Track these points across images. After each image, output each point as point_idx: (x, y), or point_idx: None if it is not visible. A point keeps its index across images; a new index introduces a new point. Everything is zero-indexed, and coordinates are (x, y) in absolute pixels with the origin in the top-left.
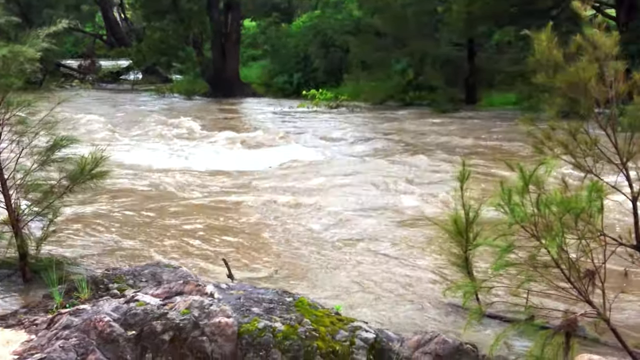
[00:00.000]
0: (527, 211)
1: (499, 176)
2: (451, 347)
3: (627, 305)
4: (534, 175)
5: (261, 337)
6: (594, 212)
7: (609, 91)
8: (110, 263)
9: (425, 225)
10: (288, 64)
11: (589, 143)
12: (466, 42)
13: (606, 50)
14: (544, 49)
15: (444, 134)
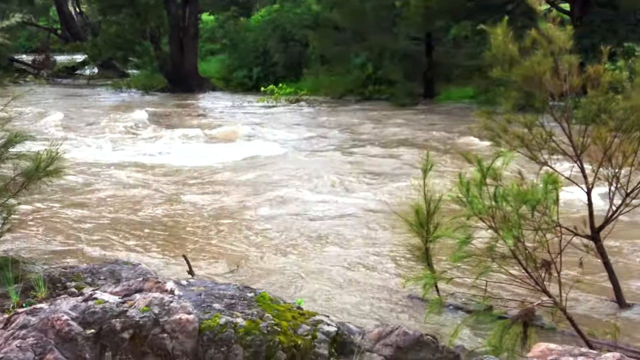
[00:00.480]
0: (485, 203)
1: (457, 169)
2: (411, 338)
3: (582, 294)
4: (491, 167)
5: (223, 333)
6: (550, 204)
7: (563, 84)
8: (68, 261)
9: (387, 217)
10: (247, 59)
11: (544, 136)
12: (424, 37)
13: (560, 44)
14: (500, 43)
15: (402, 127)
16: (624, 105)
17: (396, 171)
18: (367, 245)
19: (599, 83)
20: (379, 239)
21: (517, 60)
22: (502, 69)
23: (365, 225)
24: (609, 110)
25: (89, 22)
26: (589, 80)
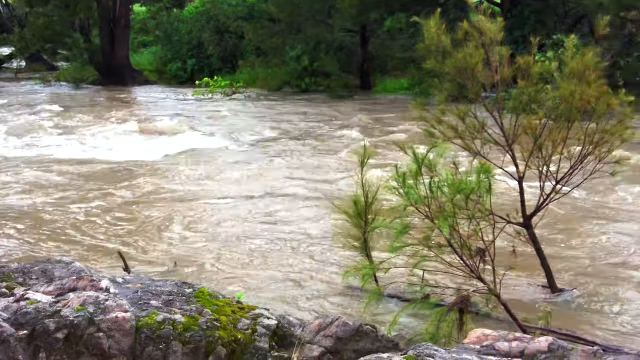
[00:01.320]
0: (421, 194)
1: (395, 160)
2: (351, 329)
3: (516, 280)
4: (426, 158)
5: (161, 330)
6: (483, 193)
7: (495, 76)
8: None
9: (325, 209)
10: (181, 51)
11: (477, 126)
12: (359, 29)
13: (492, 36)
14: (433, 35)
15: (340, 119)
16: (553, 96)
17: (335, 164)
18: (307, 238)
19: (529, 74)
20: (319, 231)
21: (450, 52)
22: (435, 61)
23: (304, 217)
24: (539, 100)
25: (15, 14)
26: (520, 72)
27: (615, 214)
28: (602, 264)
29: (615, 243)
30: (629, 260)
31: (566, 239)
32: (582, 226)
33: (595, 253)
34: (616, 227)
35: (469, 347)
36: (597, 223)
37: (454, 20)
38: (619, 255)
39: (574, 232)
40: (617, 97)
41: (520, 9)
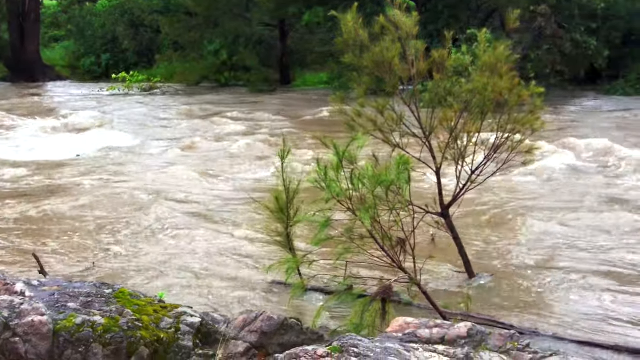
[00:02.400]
0: (343, 186)
1: (316, 154)
2: (276, 323)
3: (435, 268)
4: (347, 151)
5: (80, 332)
6: (403, 184)
7: (411, 69)
8: None
9: (248, 204)
10: (95, 45)
11: (395, 119)
12: (278, 23)
13: (407, 30)
14: (351, 29)
15: (260, 113)
16: (467, 88)
17: (256, 158)
18: (230, 234)
19: (444, 67)
20: (241, 226)
21: (368, 46)
22: (353, 54)
23: (227, 213)
24: (454, 93)
25: None
26: (435, 65)
27: (528, 201)
28: (517, 249)
29: (528, 229)
30: (541, 245)
31: (481, 226)
32: (497, 214)
33: (510, 239)
34: (529, 213)
35: (392, 335)
36: (510, 210)
37: (370, 14)
38: (532, 241)
39: (491, 219)
40: (528, 88)
41: (434, 3)
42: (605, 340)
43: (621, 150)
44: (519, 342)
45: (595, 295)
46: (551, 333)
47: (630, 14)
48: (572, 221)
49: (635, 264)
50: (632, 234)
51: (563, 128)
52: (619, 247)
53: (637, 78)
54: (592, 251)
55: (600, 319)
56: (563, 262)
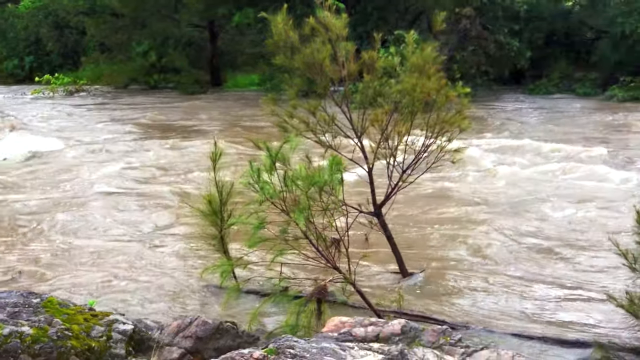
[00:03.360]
0: (276, 188)
1: (249, 155)
2: (211, 327)
3: (369, 267)
4: (279, 152)
5: (7, 344)
6: (336, 185)
7: (342, 70)
8: None
9: (182, 208)
10: (17, 47)
11: (327, 120)
12: (207, 24)
13: (337, 32)
14: (281, 31)
15: (189, 115)
16: (397, 89)
17: (186, 161)
18: (164, 239)
19: (374, 68)
20: (176, 231)
21: (298, 48)
22: (284, 56)
23: (160, 217)
24: (384, 93)
25: None
26: (365, 66)
27: (460, 199)
28: (448, 246)
29: (460, 226)
30: (473, 242)
31: (413, 224)
32: (429, 212)
33: (442, 236)
34: (460, 211)
35: (328, 335)
36: (443, 208)
37: (300, 16)
38: (462, 238)
39: (423, 217)
40: (455, 89)
41: (363, 5)
42: (533, 331)
43: (548, 148)
44: (451, 337)
45: (523, 289)
46: (482, 327)
47: (551, 16)
48: (502, 218)
49: (559, 257)
50: (558, 227)
51: (488, 127)
52: (546, 242)
53: (559, 77)
54: (520, 247)
55: (527, 311)
56: (493, 258)
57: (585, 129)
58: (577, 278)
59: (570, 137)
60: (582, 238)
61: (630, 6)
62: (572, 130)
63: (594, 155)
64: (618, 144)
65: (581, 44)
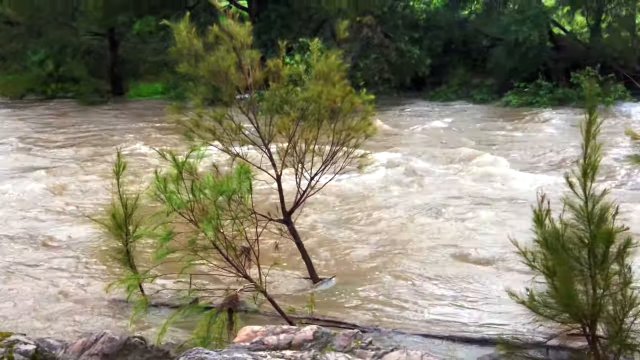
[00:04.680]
0: (184, 198)
1: (155, 165)
2: (118, 343)
3: (280, 274)
4: (186, 162)
5: None
6: (244, 193)
7: (247, 78)
8: None
9: (86, 222)
10: None
11: (234, 128)
12: (107, 32)
13: (242, 40)
14: (184, 38)
15: (89, 126)
16: (303, 96)
17: (93, 174)
18: (64, 254)
19: (279, 76)
20: (78, 246)
21: (203, 56)
22: (188, 64)
23: (64, 232)
24: (290, 101)
25: None
26: (271, 74)
27: (367, 204)
28: (358, 251)
29: (369, 232)
30: (381, 246)
31: (322, 230)
32: (339, 218)
33: (351, 242)
34: (369, 217)
35: (240, 345)
36: (352, 214)
37: (204, 24)
38: (372, 242)
39: (333, 223)
40: (359, 96)
41: (266, 13)
42: (441, 331)
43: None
44: (362, 340)
45: (431, 290)
46: (391, 329)
47: (449, 24)
48: (412, 222)
49: (464, 258)
50: (464, 229)
51: (389, 134)
52: (452, 243)
53: (458, 84)
54: (428, 249)
55: (435, 311)
56: (401, 261)
57: (482, 133)
58: (481, 278)
59: (468, 142)
60: (486, 239)
61: (523, 14)
62: (471, 135)
63: (490, 159)
64: (511, 147)
65: (477, 52)
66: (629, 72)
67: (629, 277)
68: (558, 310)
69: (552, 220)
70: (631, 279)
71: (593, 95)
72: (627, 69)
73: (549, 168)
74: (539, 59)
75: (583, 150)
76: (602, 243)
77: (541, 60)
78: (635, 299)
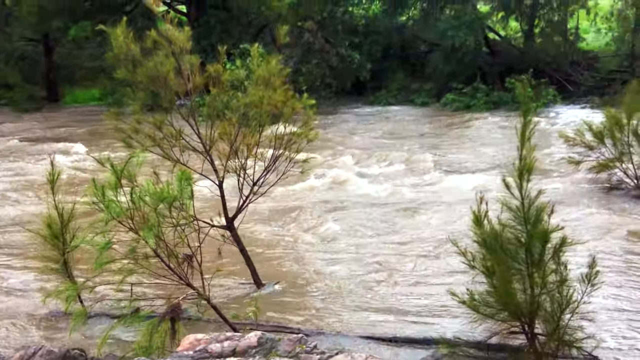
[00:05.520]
0: (123, 206)
1: (93, 173)
2: (57, 356)
3: (224, 281)
4: (125, 169)
5: None
6: (186, 200)
7: (187, 84)
8: None
9: (18, 232)
10: None
11: (174, 134)
12: (41, 37)
13: (181, 45)
14: (121, 44)
15: (25, 134)
16: (244, 102)
17: (20, 184)
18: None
19: (220, 81)
20: (13, 257)
21: (141, 61)
22: (126, 69)
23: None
24: (232, 106)
25: None
26: (211, 79)
27: (311, 207)
28: (301, 255)
29: (312, 235)
30: (324, 250)
31: (265, 235)
32: (281, 222)
33: (293, 246)
34: (310, 220)
35: (183, 354)
36: (295, 218)
37: (141, 29)
38: (314, 247)
39: (276, 228)
40: (301, 101)
41: (205, 18)
42: (384, 333)
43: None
44: (307, 344)
45: (373, 293)
46: (335, 332)
47: (387, 30)
48: (353, 227)
49: (406, 260)
50: (397, 232)
51: (330, 138)
52: (392, 246)
53: (397, 89)
54: (369, 251)
55: (378, 313)
56: (344, 265)
57: (420, 136)
58: (424, 278)
59: (405, 144)
60: (426, 241)
61: (459, 20)
62: (409, 137)
63: (428, 161)
64: (450, 149)
65: (416, 57)
66: (562, 76)
67: (565, 276)
68: (497, 309)
69: (490, 221)
70: (567, 277)
71: (527, 100)
72: (559, 73)
73: (487, 169)
74: (475, 63)
75: (519, 152)
76: (539, 242)
77: (477, 64)
78: (571, 296)
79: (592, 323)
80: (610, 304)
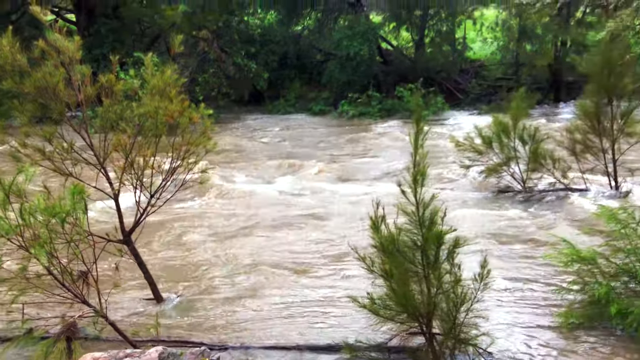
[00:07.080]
0: (13, 222)
1: None
2: None
3: (122, 297)
4: (14, 184)
5: None
6: (80, 214)
7: (78, 95)
8: None
9: None
10: None
11: (65, 147)
12: None
13: (70, 55)
14: (7, 54)
15: None
16: (139, 112)
17: None
18: None
19: (113, 92)
20: None
21: (28, 72)
22: (13, 80)
23: None
24: (126, 117)
25: None
26: (104, 90)
27: (211, 220)
28: (202, 268)
29: (213, 247)
30: (224, 263)
31: (164, 248)
32: (182, 235)
33: (194, 259)
34: (213, 233)
35: None
36: (194, 231)
37: (29, 38)
38: (215, 259)
39: (175, 241)
40: (198, 110)
41: (96, 27)
42: (288, 342)
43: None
44: (210, 357)
45: (276, 302)
46: (239, 344)
47: (284, 39)
48: (258, 238)
49: (308, 269)
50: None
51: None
52: (296, 256)
53: (294, 97)
54: (274, 263)
55: (282, 322)
56: (247, 277)
57: (316, 145)
58: (326, 285)
59: (301, 153)
60: (324, 248)
61: (353, 30)
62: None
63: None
64: (346, 156)
65: (312, 66)
66: (451, 84)
67: (459, 276)
68: (397, 311)
69: (387, 226)
70: (461, 277)
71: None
72: (449, 81)
73: (381, 176)
74: (370, 72)
75: (412, 158)
76: (434, 245)
77: (372, 73)
78: (465, 295)
79: (487, 321)
80: (504, 302)
